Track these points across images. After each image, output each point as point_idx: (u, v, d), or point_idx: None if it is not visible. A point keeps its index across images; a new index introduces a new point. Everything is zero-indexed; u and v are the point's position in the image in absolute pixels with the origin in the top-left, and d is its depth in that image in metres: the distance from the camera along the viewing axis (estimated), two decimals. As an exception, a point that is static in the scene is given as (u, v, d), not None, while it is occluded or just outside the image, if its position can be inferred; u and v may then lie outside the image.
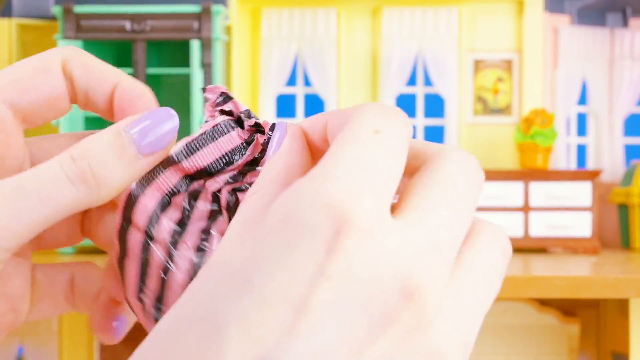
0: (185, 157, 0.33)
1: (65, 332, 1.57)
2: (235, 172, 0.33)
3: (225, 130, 0.33)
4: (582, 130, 1.67)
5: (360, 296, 0.24)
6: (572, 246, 1.49)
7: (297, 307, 0.23)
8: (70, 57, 0.35)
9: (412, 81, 1.64)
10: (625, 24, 1.66)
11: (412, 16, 1.62)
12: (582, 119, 1.67)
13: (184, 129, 1.64)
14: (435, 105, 1.65)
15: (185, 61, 1.58)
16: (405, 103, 1.65)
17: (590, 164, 1.66)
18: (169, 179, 0.33)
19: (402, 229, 0.25)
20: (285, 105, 1.66)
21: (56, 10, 1.51)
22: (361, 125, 0.27)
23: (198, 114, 1.52)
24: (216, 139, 0.33)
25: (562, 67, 1.63)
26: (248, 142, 0.33)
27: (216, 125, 0.33)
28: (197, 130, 1.51)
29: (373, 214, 0.25)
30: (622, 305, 1.42)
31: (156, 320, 0.33)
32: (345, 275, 0.24)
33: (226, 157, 0.33)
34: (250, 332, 0.23)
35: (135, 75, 1.53)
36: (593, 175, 1.48)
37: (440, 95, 1.63)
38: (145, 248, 0.33)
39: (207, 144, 0.33)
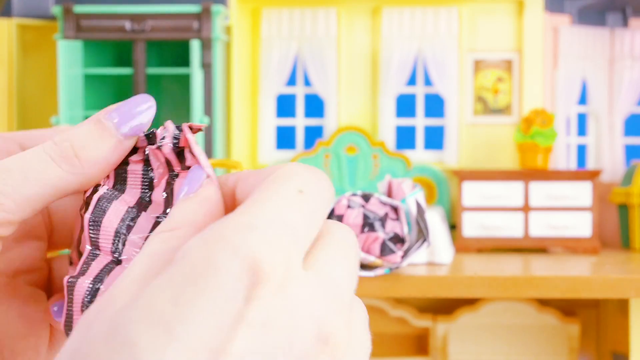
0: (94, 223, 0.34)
1: (65, 332, 1.57)
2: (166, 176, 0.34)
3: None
4: (582, 130, 1.67)
5: (279, 342, 0.25)
6: (572, 246, 1.49)
7: (217, 355, 0.24)
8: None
9: (412, 81, 1.64)
10: (625, 24, 1.66)
11: (412, 16, 1.62)
12: (582, 119, 1.67)
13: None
14: (435, 105, 1.65)
15: (185, 61, 1.58)
16: (405, 103, 1.65)
17: (590, 164, 1.66)
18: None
19: (312, 280, 0.27)
20: (285, 105, 1.66)
21: (56, 10, 1.51)
22: (287, 183, 0.28)
23: (198, 114, 1.52)
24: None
25: (562, 67, 1.63)
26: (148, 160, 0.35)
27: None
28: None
29: (287, 267, 0.26)
30: (622, 305, 1.42)
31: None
32: (264, 323, 0.25)
33: (146, 181, 0.34)
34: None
35: (135, 75, 1.53)
36: (593, 175, 1.48)
37: (440, 95, 1.63)
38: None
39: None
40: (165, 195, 0.34)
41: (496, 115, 1.63)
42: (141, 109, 0.34)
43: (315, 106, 1.66)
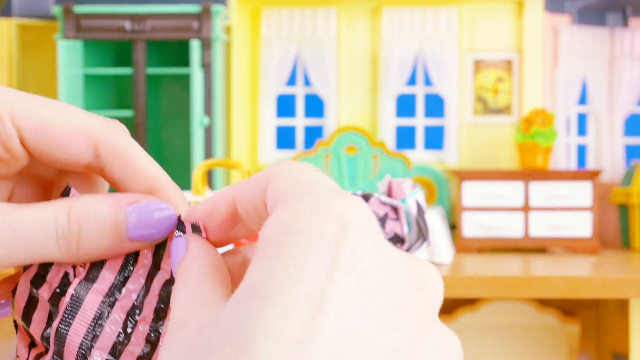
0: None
1: (65, 332, 1.57)
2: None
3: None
4: (582, 130, 1.67)
5: (376, 285, 0.25)
6: (572, 246, 1.49)
7: (317, 305, 0.24)
8: (106, 141, 0.34)
9: (412, 81, 1.64)
10: (625, 24, 1.66)
11: (412, 16, 1.62)
12: (582, 119, 1.67)
13: (184, 129, 1.64)
14: (435, 105, 1.65)
15: (185, 61, 1.58)
16: (405, 103, 1.65)
17: (590, 164, 1.66)
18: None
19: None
20: (285, 105, 1.66)
21: (56, 10, 1.51)
22: (300, 167, 0.28)
23: (198, 114, 1.52)
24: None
25: (562, 67, 1.63)
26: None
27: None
28: (196, 131, 1.50)
29: (369, 212, 0.26)
30: (622, 305, 1.42)
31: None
32: (359, 267, 0.25)
33: (121, 277, 0.33)
34: (279, 337, 0.23)
35: (135, 75, 1.53)
36: (593, 175, 1.48)
37: (440, 95, 1.63)
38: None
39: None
40: (144, 284, 0.33)
41: (496, 115, 1.63)
42: (160, 226, 0.33)
43: (315, 106, 1.66)
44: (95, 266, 0.34)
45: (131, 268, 0.34)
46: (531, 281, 1.18)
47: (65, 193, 0.35)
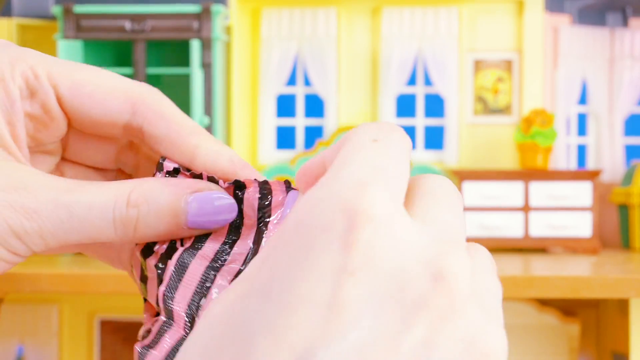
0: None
1: (65, 332, 1.57)
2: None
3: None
4: (582, 130, 1.67)
5: (389, 286, 0.23)
6: (572, 246, 1.49)
7: (327, 307, 0.22)
8: (145, 98, 0.34)
9: (412, 81, 1.64)
10: (625, 24, 1.66)
11: (412, 16, 1.62)
12: (582, 119, 1.67)
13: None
14: (435, 105, 1.65)
15: (185, 61, 1.58)
16: (405, 103, 1.65)
17: (590, 164, 1.66)
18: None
19: (417, 224, 0.25)
20: (285, 105, 1.66)
21: (56, 10, 1.51)
22: (359, 138, 0.27)
23: (198, 114, 1.52)
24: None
25: (562, 67, 1.63)
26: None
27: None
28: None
29: (386, 201, 0.24)
30: (622, 305, 1.42)
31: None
32: (369, 268, 0.23)
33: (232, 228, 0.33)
34: (279, 338, 0.22)
35: (135, 75, 1.53)
36: (593, 175, 1.48)
37: (440, 95, 1.63)
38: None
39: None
40: (253, 246, 0.33)
41: (496, 115, 1.63)
42: (218, 216, 0.33)
43: (315, 106, 1.66)
44: (202, 235, 0.34)
45: (238, 232, 0.34)
46: (531, 281, 1.18)
47: (160, 166, 0.34)
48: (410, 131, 1.65)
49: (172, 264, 0.32)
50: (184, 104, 1.61)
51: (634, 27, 1.65)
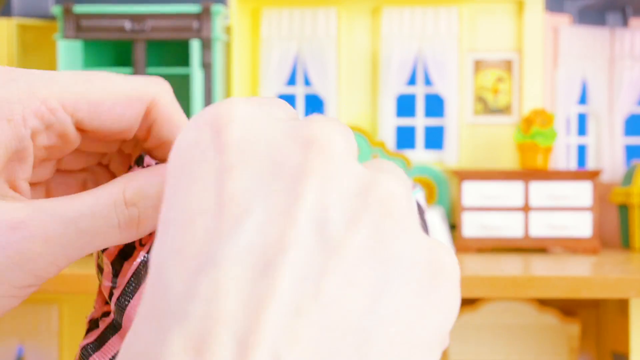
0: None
1: (65, 332, 1.57)
2: None
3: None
4: (582, 130, 1.67)
5: (266, 166, 0.23)
6: (572, 246, 1.49)
7: (216, 209, 0.23)
8: (159, 100, 0.34)
9: (412, 81, 1.64)
10: (625, 23, 1.66)
11: (412, 16, 1.62)
12: (582, 119, 1.67)
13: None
14: (435, 105, 1.64)
15: (185, 61, 1.58)
16: (405, 103, 1.65)
17: (590, 164, 1.66)
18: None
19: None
20: (285, 105, 1.66)
21: (56, 10, 1.51)
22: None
23: (198, 114, 1.52)
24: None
25: (562, 67, 1.63)
26: None
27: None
28: None
29: (246, 104, 0.25)
30: (622, 305, 1.42)
31: None
32: (244, 157, 0.23)
33: None
34: (183, 257, 0.22)
35: (135, 75, 1.53)
36: (593, 175, 1.48)
37: (440, 95, 1.63)
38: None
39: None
40: None
41: (496, 115, 1.63)
42: None
43: (315, 106, 1.66)
44: None
45: None
46: (531, 281, 1.18)
47: (140, 160, 0.34)
48: (411, 131, 1.65)
49: (130, 270, 0.32)
50: (184, 104, 1.61)
51: (634, 27, 1.65)
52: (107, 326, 0.32)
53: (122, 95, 0.33)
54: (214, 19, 1.52)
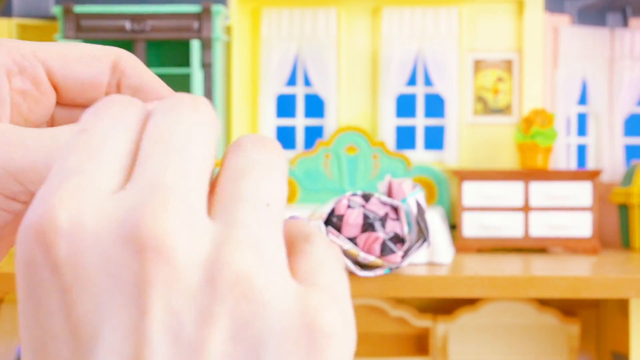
0: None
1: (65, 332, 1.57)
2: None
3: None
4: (582, 130, 1.67)
5: (103, 277, 0.22)
6: (572, 246, 1.49)
7: (66, 334, 0.22)
8: (122, 55, 0.36)
9: (412, 81, 1.64)
10: (625, 24, 1.66)
11: (412, 16, 1.62)
12: (582, 119, 1.67)
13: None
14: (435, 105, 1.65)
15: (185, 61, 1.58)
16: (405, 103, 1.65)
17: (590, 164, 1.66)
18: None
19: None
20: (285, 105, 1.66)
21: (56, 10, 1.51)
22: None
23: (198, 114, 1.52)
24: None
25: (562, 67, 1.63)
26: None
27: None
28: None
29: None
30: (622, 305, 1.42)
31: None
32: (80, 275, 0.22)
33: None
34: None
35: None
36: (593, 175, 1.48)
37: (440, 95, 1.63)
38: None
39: None
40: None
41: (496, 115, 1.63)
42: None
43: (315, 106, 1.66)
44: None
45: None
46: (531, 281, 1.18)
47: None
48: (410, 131, 1.65)
49: None
50: (184, 104, 1.61)
51: (634, 27, 1.65)
52: None
53: (88, 50, 0.35)
54: (214, 19, 1.52)
